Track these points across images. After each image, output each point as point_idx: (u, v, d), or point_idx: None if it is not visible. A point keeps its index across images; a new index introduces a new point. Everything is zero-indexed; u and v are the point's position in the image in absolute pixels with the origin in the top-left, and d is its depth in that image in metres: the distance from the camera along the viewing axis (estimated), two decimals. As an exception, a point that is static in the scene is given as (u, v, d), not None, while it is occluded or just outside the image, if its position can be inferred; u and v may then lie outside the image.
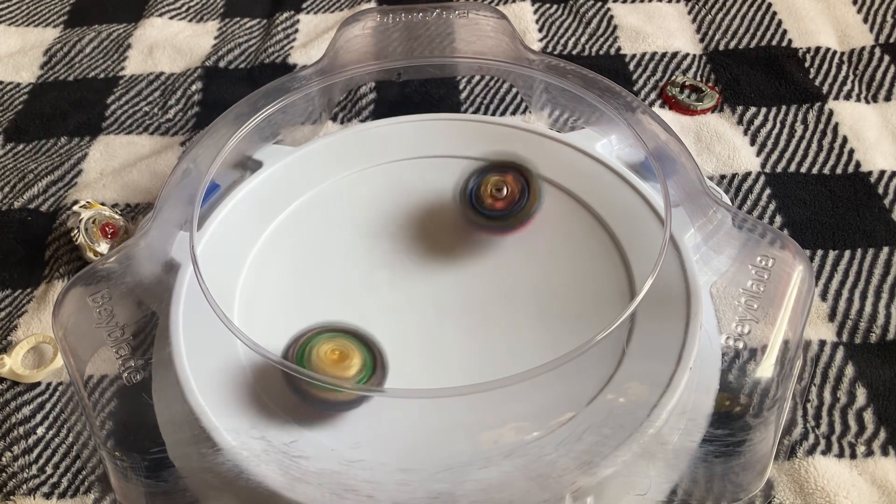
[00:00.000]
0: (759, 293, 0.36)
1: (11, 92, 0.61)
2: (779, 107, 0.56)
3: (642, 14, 0.64)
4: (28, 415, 0.42)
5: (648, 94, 0.58)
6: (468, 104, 0.58)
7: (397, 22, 0.50)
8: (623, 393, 0.35)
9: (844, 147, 0.53)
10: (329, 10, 0.67)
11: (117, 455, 0.35)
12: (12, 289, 0.48)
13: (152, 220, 0.41)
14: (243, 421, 0.34)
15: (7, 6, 0.69)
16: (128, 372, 0.36)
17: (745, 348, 0.36)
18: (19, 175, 0.54)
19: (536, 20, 0.65)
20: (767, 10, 0.64)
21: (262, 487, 0.32)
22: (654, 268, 0.35)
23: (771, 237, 0.38)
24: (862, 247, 0.47)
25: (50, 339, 0.45)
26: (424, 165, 0.46)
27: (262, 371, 0.36)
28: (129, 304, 0.38)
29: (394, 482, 0.32)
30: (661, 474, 0.36)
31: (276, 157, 0.46)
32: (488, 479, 0.32)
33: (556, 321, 0.38)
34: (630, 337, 0.36)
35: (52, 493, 0.39)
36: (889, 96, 0.57)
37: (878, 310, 0.44)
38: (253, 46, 0.64)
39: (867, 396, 0.41)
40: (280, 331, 0.38)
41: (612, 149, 0.47)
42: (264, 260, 0.42)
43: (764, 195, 0.51)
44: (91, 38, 0.65)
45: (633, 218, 0.42)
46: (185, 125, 0.58)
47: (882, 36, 0.61)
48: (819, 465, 0.38)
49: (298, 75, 0.47)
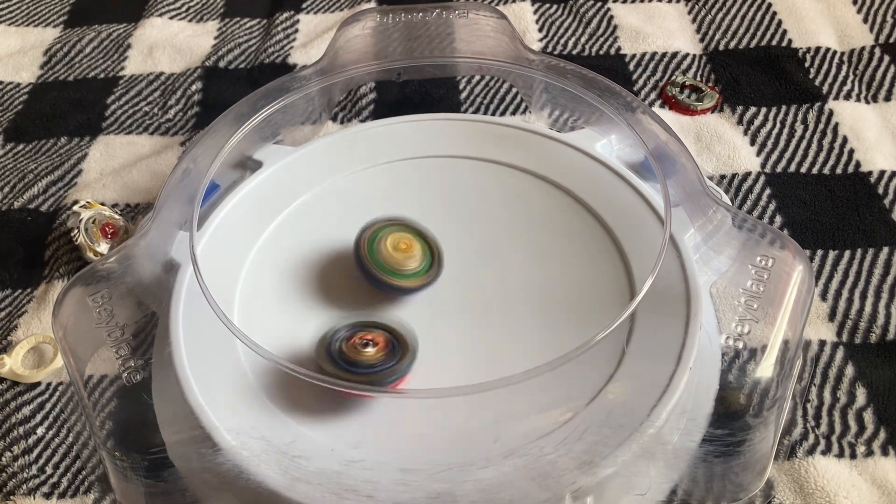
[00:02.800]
0: (759, 293, 0.36)
1: (11, 92, 0.61)
2: (779, 107, 0.56)
3: (642, 14, 0.64)
4: (28, 415, 0.42)
5: (648, 94, 0.58)
6: (468, 104, 0.58)
7: (397, 22, 0.50)
8: (623, 393, 0.35)
9: (844, 147, 0.53)
10: (329, 10, 0.67)
11: (117, 455, 0.35)
12: (12, 289, 0.48)
13: (152, 220, 0.41)
14: (243, 421, 0.34)
15: (7, 6, 0.69)
16: (128, 372, 0.36)
17: (745, 348, 0.36)
18: (19, 175, 0.54)
19: (536, 20, 0.65)
20: (767, 10, 0.64)
21: (262, 487, 0.32)
22: (654, 268, 0.35)
23: (771, 237, 0.38)
24: (862, 247, 0.47)
25: (50, 339, 0.45)
26: (424, 165, 0.46)
27: (262, 371, 0.36)
28: (129, 304, 0.38)
29: (394, 482, 0.32)
30: (660, 474, 0.36)
31: (276, 157, 0.46)
32: (488, 479, 0.32)
33: (556, 321, 0.38)
34: (630, 337, 0.36)
35: (52, 493, 0.39)
36: (889, 96, 0.57)
37: (878, 310, 0.44)
38: (253, 46, 0.64)
39: (867, 396, 0.41)
40: (280, 331, 0.38)
41: (612, 149, 0.47)
42: (264, 260, 0.42)
43: (764, 195, 0.51)
44: (91, 38, 0.65)
45: (633, 218, 0.42)
46: (185, 125, 0.58)
47: (882, 36, 0.61)
48: (819, 465, 0.38)
49: (298, 75, 0.47)
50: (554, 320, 0.38)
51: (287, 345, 0.38)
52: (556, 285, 0.40)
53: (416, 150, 0.47)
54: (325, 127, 0.55)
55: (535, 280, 0.40)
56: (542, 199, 0.44)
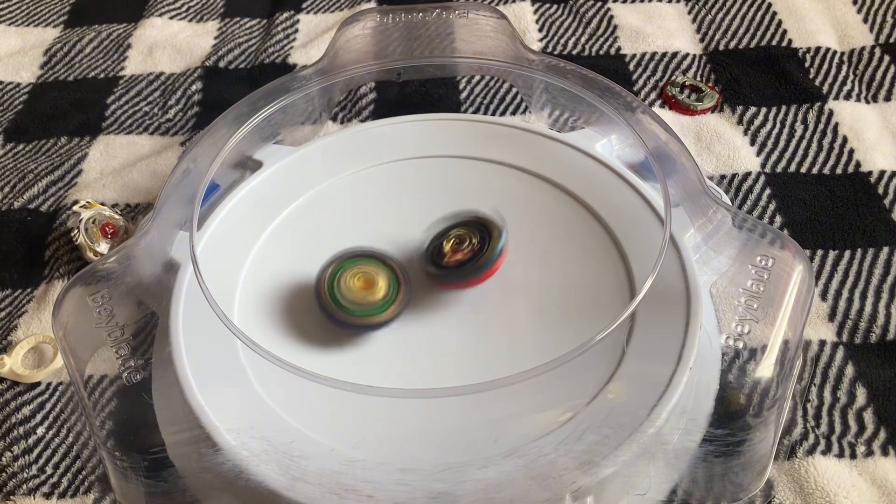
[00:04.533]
0: (759, 293, 0.36)
1: (11, 92, 0.61)
2: (779, 107, 0.56)
3: (642, 14, 0.64)
4: (28, 415, 0.42)
5: (648, 94, 0.58)
6: (468, 104, 0.58)
7: (397, 22, 0.50)
8: (623, 393, 0.35)
9: (844, 147, 0.53)
10: (329, 10, 0.67)
11: (117, 455, 0.35)
12: (12, 289, 0.48)
13: (152, 220, 0.41)
14: (243, 421, 0.34)
15: (7, 6, 0.69)
16: (128, 372, 0.36)
17: (745, 348, 0.36)
18: (19, 175, 0.54)
19: (536, 20, 0.65)
20: (767, 10, 0.64)
21: (262, 487, 0.32)
22: (654, 268, 0.35)
23: (771, 237, 0.38)
24: (862, 247, 0.47)
25: (50, 339, 0.45)
26: (424, 165, 0.46)
27: (262, 371, 0.36)
28: (129, 304, 0.38)
29: (394, 482, 0.32)
30: (661, 474, 0.36)
31: (276, 157, 0.46)
32: (488, 479, 0.32)
33: (556, 321, 0.38)
34: (630, 337, 0.36)
35: (52, 493, 0.39)
36: (889, 96, 0.57)
37: (878, 310, 0.44)
38: (253, 46, 0.64)
39: (867, 396, 0.41)
40: (280, 331, 0.38)
41: (612, 149, 0.47)
42: (264, 260, 0.42)
43: (764, 195, 0.51)
44: (91, 38, 0.65)
45: (633, 218, 0.42)
46: (185, 125, 0.58)
47: (882, 36, 0.61)
48: (819, 464, 0.38)
49: (298, 75, 0.47)
50: (554, 320, 0.38)
51: (287, 345, 0.38)
52: (556, 285, 0.40)
53: (416, 150, 0.47)
54: (325, 127, 0.55)
55: (535, 280, 0.40)
56: (542, 199, 0.44)
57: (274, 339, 0.37)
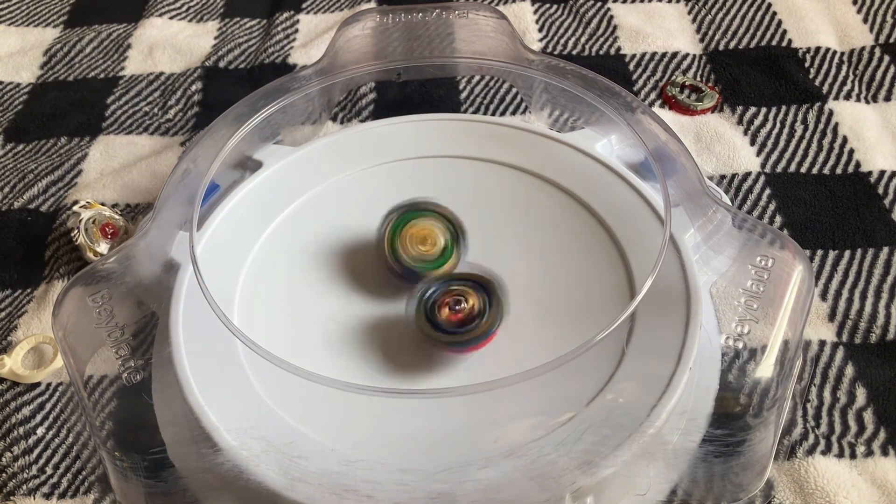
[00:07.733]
0: (759, 293, 0.36)
1: (11, 92, 0.61)
2: (779, 107, 0.56)
3: (642, 14, 0.64)
4: (28, 415, 0.42)
5: (648, 94, 0.58)
6: (468, 104, 0.58)
7: (397, 22, 0.50)
8: (623, 393, 0.35)
9: (844, 147, 0.53)
10: (329, 10, 0.67)
11: (117, 455, 0.35)
12: (12, 289, 0.48)
13: (152, 220, 0.41)
14: (243, 421, 0.34)
15: (7, 6, 0.69)
16: (128, 372, 0.36)
17: (744, 348, 0.36)
18: (19, 175, 0.54)
19: (536, 20, 0.65)
20: (767, 10, 0.64)
21: (262, 487, 0.32)
22: (654, 268, 0.35)
23: (771, 237, 0.38)
24: (862, 247, 0.47)
25: (50, 340, 0.45)
26: (424, 165, 0.46)
27: (262, 371, 0.36)
28: (129, 304, 0.38)
29: (394, 482, 0.32)
30: (660, 474, 0.36)
31: (276, 157, 0.46)
32: (488, 479, 0.32)
33: (556, 321, 0.38)
34: (630, 337, 0.36)
35: (52, 493, 0.39)
36: (889, 96, 0.57)
37: (878, 310, 0.44)
38: (253, 46, 0.64)
39: (867, 396, 0.41)
40: (280, 331, 0.38)
41: (612, 149, 0.47)
42: (264, 260, 0.42)
43: (764, 195, 0.51)
44: (91, 38, 0.65)
45: (633, 218, 0.42)
46: (185, 125, 0.58)
47: (882, 36, 0.61)
48: (819, 465, 0.38)
49: (298, 75, 0.47)
50: (554, 320, 0.38)
51: (287, 345, 0.38)
52: (556, 285, 0.40)
53: (417, 150, 0.47)
54: (325, 127, 0.55)
55: (535, 280, 0.40)
56: (542, 199, 0.44)
57: (274, 339, 0.37)
